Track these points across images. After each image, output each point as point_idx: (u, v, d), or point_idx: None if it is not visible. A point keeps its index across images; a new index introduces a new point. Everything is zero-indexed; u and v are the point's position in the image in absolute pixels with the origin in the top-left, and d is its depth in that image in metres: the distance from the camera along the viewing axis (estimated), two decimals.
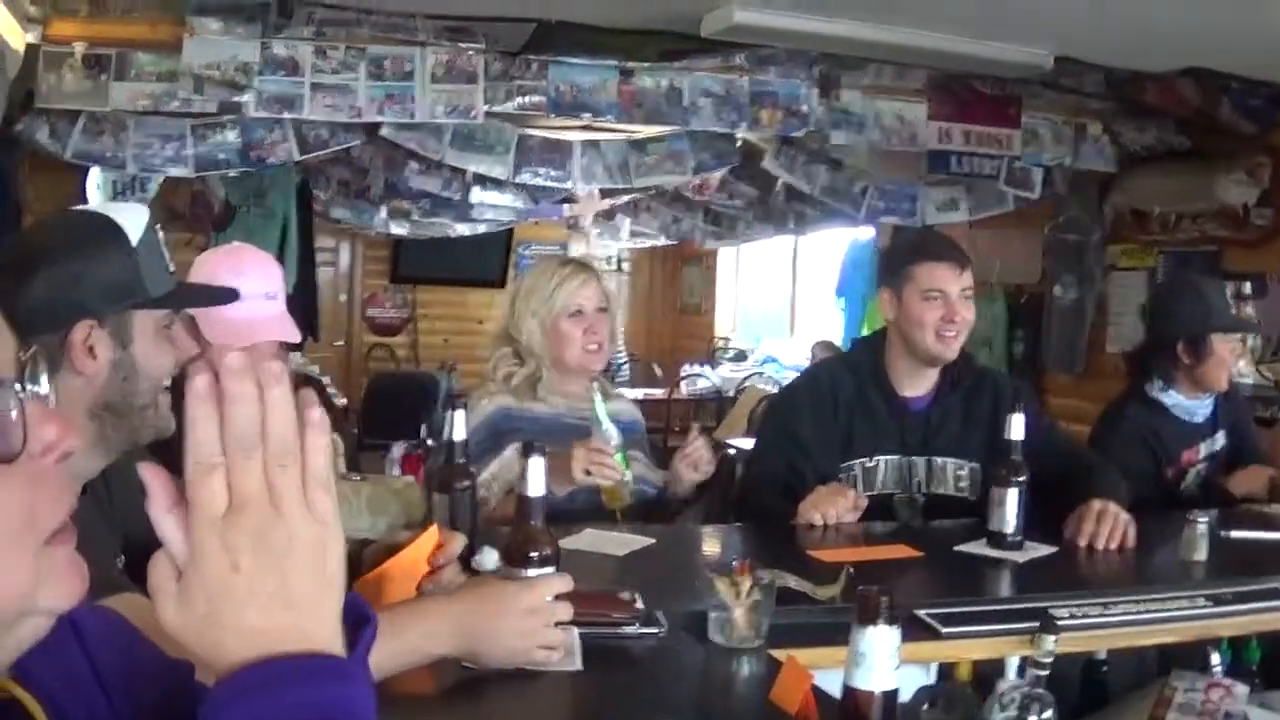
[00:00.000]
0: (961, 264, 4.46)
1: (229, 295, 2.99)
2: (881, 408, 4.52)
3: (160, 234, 2.70)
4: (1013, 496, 3.95)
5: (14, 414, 1.17)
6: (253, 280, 3.78)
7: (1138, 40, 6.56)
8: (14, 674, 1.23)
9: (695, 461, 4.48)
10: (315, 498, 1.18)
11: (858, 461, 4.49)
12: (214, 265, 3.85)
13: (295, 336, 3.87)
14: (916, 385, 4.58)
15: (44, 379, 1.23)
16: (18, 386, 1.18)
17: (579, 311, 4.55)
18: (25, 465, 1.18)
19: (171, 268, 2.71)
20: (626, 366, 15.75)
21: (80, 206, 2.78)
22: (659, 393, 14.59)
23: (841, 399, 4.55)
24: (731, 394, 14.28)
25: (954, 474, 4.55)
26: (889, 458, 4.52)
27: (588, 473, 4.09)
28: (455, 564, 2.90)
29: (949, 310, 4.39)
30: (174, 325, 2.74)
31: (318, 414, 1.18)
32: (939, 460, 4.54)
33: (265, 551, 1.15)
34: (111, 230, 2.61)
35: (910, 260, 4.56)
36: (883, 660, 1.55)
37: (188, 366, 2.45)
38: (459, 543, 2.92)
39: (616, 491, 4.18)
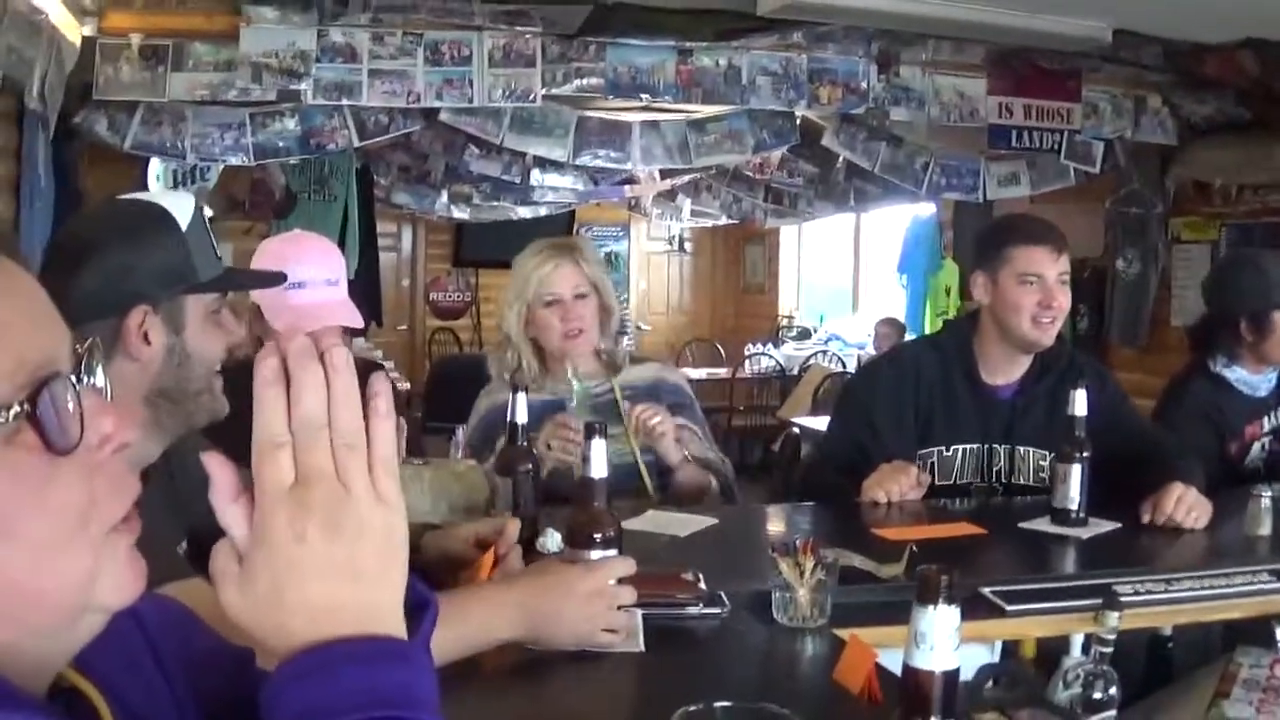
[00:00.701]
0: (1059, 248, 4.34)
1: (277, 278, 3.00)
2: (966, 395, 4.43)
3: (207, 218, 2.72)
4: (1076, 473, 3.91)
5: (71, 406, 1.17)
6: (314, 267, 3.81)
7: (1195, 12, 6.52)
8: (76, 664, 1.23)
9: (646, 436, 4.35)
10: (381, 479, 1.18)
11: (935, 449, 4.41)
12: (275, 252, 3.87)
13: (358, 322, 3.89)
14: (1007, 373, 4.47)
15: (100, 370, 1.24)
16: (74, 378, 1.19)
17: (555, 300, 4.44)
18: (83, 457, 1.18)
19: (219, 253, 2.72)
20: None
21: (127, 195, 2.79)
22: (722, 372, 14.61)
23: (924, 384, 4.46)
24: (795, 373, 14.27)
25: (1036, 464, 4.44)
26: (969, 446, 4.43)
27: (549, 447, 4.06)
28: (517, 549, 2.92)
29: (1046, 295, 4.27)
30: (222, 310, 2.74)
31: (384, 403, 1.19)
32: (1022, 449, 4.45)
33: (331, 526, 1.15)
34: (161, 216, 2.63)
35: (1007, 242, 4.43)
36: (943, 640, 1.54)
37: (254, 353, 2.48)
38: (515, 527, 2.93)
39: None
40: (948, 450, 4.41)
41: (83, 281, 2.51)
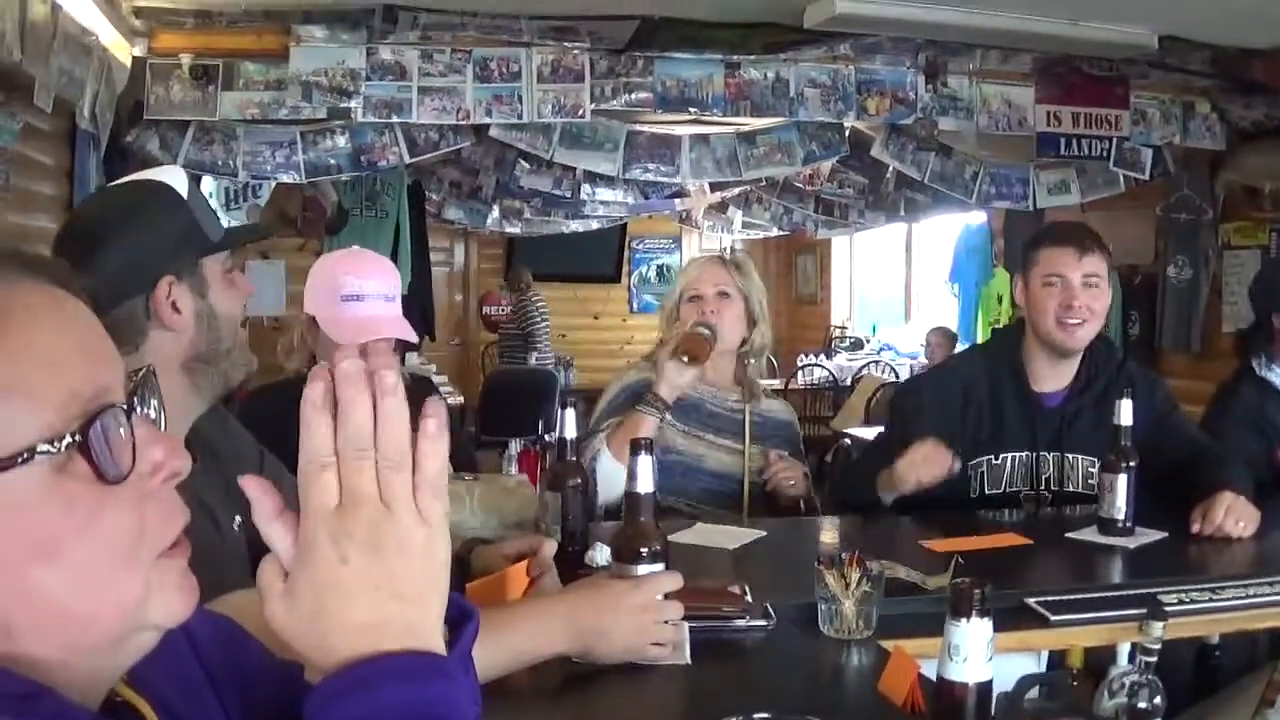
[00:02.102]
0: (1085, 249, 4.34)
1: (263, 231, 3.02)
2: (1014, 403, 4.42)
3: (200, 184, 2.79)
4: (1123, 482, 3.91)
5: (123, 435, 1.21)
6: (372, 281, 3.85)
7: (1241, 16, 6.50)
8: (128, 678, 1.27)
9: (777, 485, 4.53)
10: (425, 500, 1.21)
11: (985, 458, 4.41)
12: (333, 267, 3.92)
13: (412, 336, 3.93)
14: (1054, 379, 4.47)
15: (154, 402, 1.28)
16: (127, 407, 1.22)
17: (697, 295, 4.60)
18: (135, 485, 1.22)
19: (219, 215, 2.78)
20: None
21: (120, 179, 2.86)
22: (775, 383, 14.58)
23: (972, 398, 4.46)
24: (848, 383, 14.26)
25: (1085, 471, 4.42)
26: (1018, 454, 4.42)
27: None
28: (552, 570, 2.94)
29: (1067, 296, 4.27)
30: (234, 270, 2.80)
31: (434, 424, 1.21)
32: (1071, 457, 4.43)
33: (374, 547, 1.18)
34: (163, 190, 2.71)
35: (1035, 245, 4.50)
36: (976, 652, 1.57)
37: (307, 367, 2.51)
38: (550, 547, 2.95)
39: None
40: (997, 459, 4.41)
41: (103, 268, 2.56)
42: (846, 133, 8.55)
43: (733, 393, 4.70)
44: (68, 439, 1.16)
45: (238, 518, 2.70)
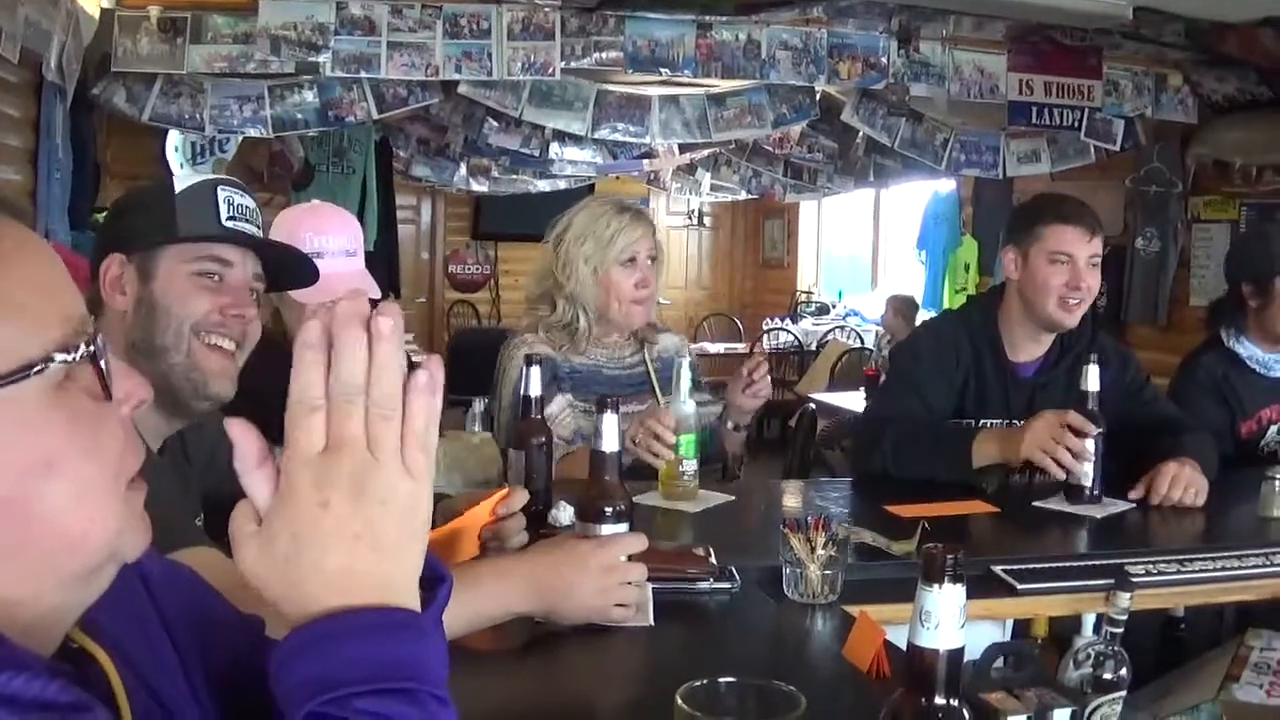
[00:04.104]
0: (1093, 229, 4.32)
1: (255, 239, 2.93)
2: (991, 371, 4.40)
3: (230, 195, 2.72)
4: (1089, 448, 3.91)
5: (102, 364, 1.22)
6: (332, 237, 3.81)
7: None
8: (84, 626, 1.25)
9: (758, 389, 4.29)
10: (412, 452, 1.19)
11: (964, 422, 4.39)
12: (294, 222, 3.88)
13: (375, 292, 3.88)
14: (1029, 351, 4.46)
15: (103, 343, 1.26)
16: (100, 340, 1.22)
17: (633, 260, 4.40)
18: (114, 409, 1.23)
19: (227, 222, 2.70)
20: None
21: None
22: (740, 347, 14.61)
23: (962, 358, 4.44)
24: (813, 348, 14.28)
25: None
26: (994, 422, 4.39)
27: (634, 442, 3.87)
28: (519, 517, 2.88)
29: (1075, 276, 4.25)
30: (222, 280, 2.73)
31: (424, 377, 1.20)
32: None
33: (357, 494, 1.16)
34: (161, 184, 2.72)
35: (1040, 220, 4.40)
36: (947, 619, 1.54)
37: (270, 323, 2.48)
38: (522, 496, 2.90)
39: (670, 478, 3.92)
40: (977, 425, 4.38)
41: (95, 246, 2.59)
42: (817, 96, 8.56)
43: (626, 346, 4.59)
44: (82, 349, 1.18)
45: (201, 518, 2.67)
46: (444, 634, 1.28)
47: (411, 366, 1.20)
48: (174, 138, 9.13)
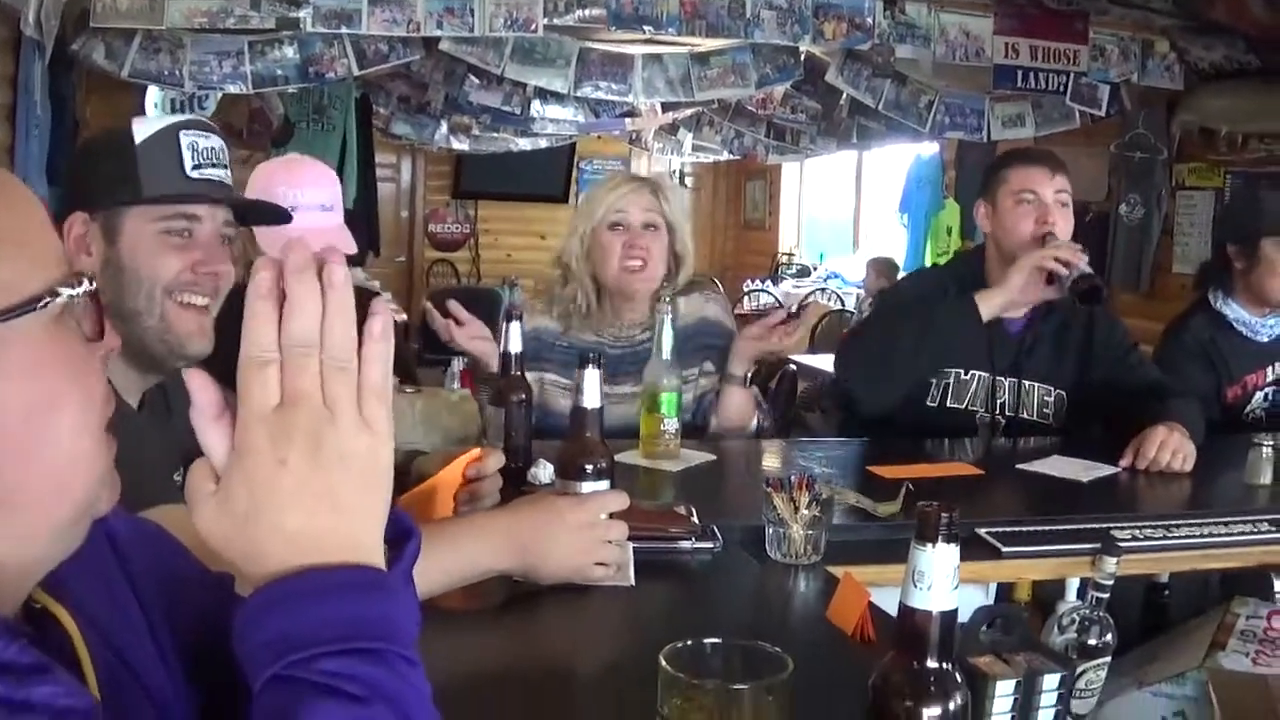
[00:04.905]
0: (1054, 168, 4.37)
1: (217, 192, 2.86)
2: (976, 324, 4.35)
3: (194, 140, 2.65)
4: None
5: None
6: (308, 192, 3.77)
7: None
8: (48, 586, 1.21)
9: (777, 337, 4.23)
10: (370, 406, 1.16)
11: (954, 371, 4.39)
12: (269, 177, 3.84)
13: (352, 248, 3.84)
14: (1015, 307, 4.42)
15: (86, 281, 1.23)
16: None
17: (619, 223, 4.29)
18: (97, 353, 1.21)
19: (193, 171, 2.64)
20: None
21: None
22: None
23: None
24: (794, 310, 14.24)
25: (1040, 399, 4.45)
26: (980, 374, 4.41)
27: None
28: (495, 478, 2.84)
29: (1042, 212, 4.28)
30: (194, 236, 2.67)
31: (379, 325, 1.17)
32: (1027, 384, 4.44)
33: (315, 450, 1.13)
34: (120, 134, 2.64)
35: (1003, 166, 4.50)
36: (941, 579, 1.50)
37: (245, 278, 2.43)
38: (497, 457, 2.86)
39: (652, 436, 3.88)
40: (966, 374, 4.40)
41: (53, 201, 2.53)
42: (801, 57, 8.50)
43: (638, 326, 4.43)
44: (85, 284, 1.17)
45: (179, 474, 2.62)
46: (414, 591, 1.25)
47: (360, 306, 1.16)
48: (153, 94, 9.07)
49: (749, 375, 4.36)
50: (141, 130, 2.62)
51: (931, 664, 1.55)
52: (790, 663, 1.61)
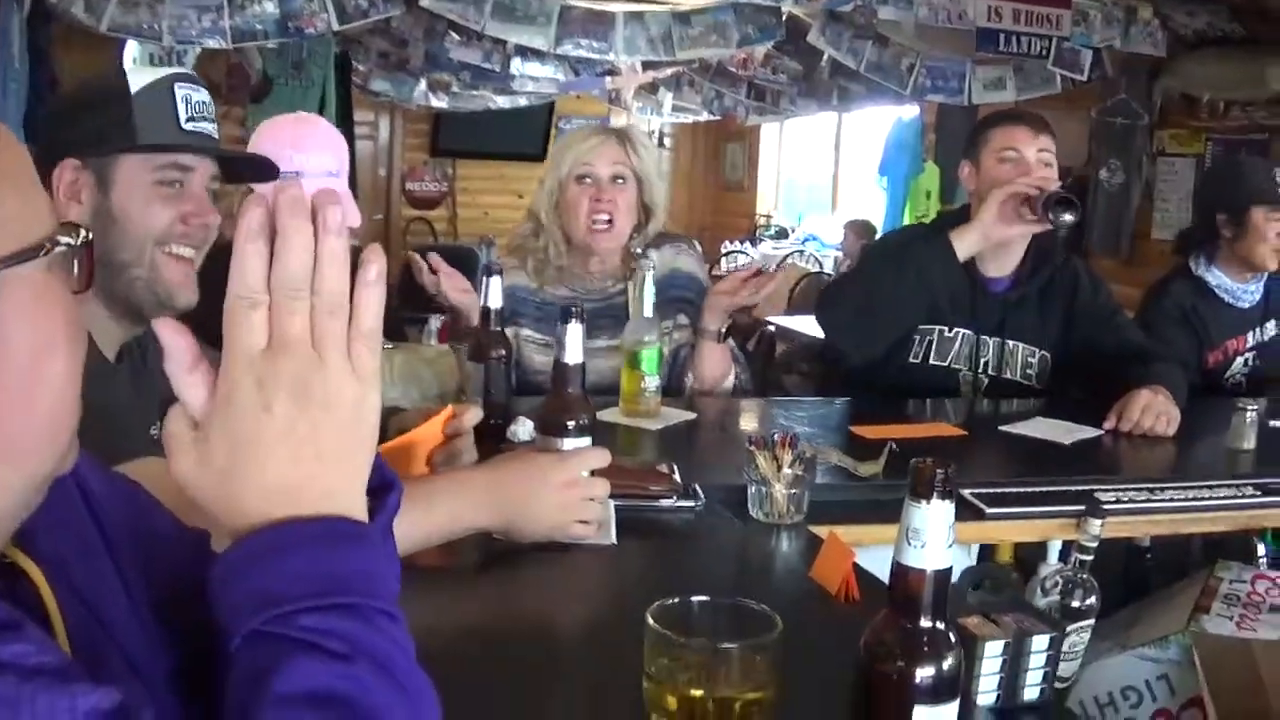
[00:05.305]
0: (1038, 128, 4.40)
1: (206, 144, 2.84)
2: (962, 282, 4.38)
3: (188, 93, 2.63)
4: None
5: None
6: (314, 156, 3.72)
7: None
8: (19, 541, 1.18)
9: (754, 289, 4.16)
10: (359, 353, 1.13)
11: (938, 328, 4.40)
12: (275, 135, 3.77)
13: (356, 219, 3.79)
14: (1000, 264, 4.45)
15: None
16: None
17: (586, 176, 4.23)
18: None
19: (187, 124, 2.62)
20: None
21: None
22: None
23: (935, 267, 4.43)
24: (772, 271, 14.23)
25: (1024, 359, 4.45)
26: (964, 332, 4.41)
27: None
28: (469, 436, 2.81)
29: (1024, 169, 4.28)
30: (185, 185, 2.64)
31: (374, 271, 1.13)
32: (1011, 344, 4.44)
33: (302, 396, 1.10)
34: (114, 83, 2.61)
35: (986, 127, 4.52)
36: (936, 537, 1.48)
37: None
38: (474, 414, 2.82)
39: (632, 393, 3.84)
40: (950, 331, 4.41)
41: (40, 141, 2.49)
42: (783, 17, 8.47)
43: (610, 278, 4.40)
44: (82, 234, 1.14)
45: (155, 427, 2.59)
46: (395, 545, 1.22)
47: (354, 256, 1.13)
48: (131, 49, 9.02)
49: (724, 331, 4.27)
50: (137, 80, 2.59)
51: (925, 623, 1.52)
52: (779, 621, 1.59)
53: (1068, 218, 4.08)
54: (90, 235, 1.15)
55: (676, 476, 2.93)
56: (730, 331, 4.29)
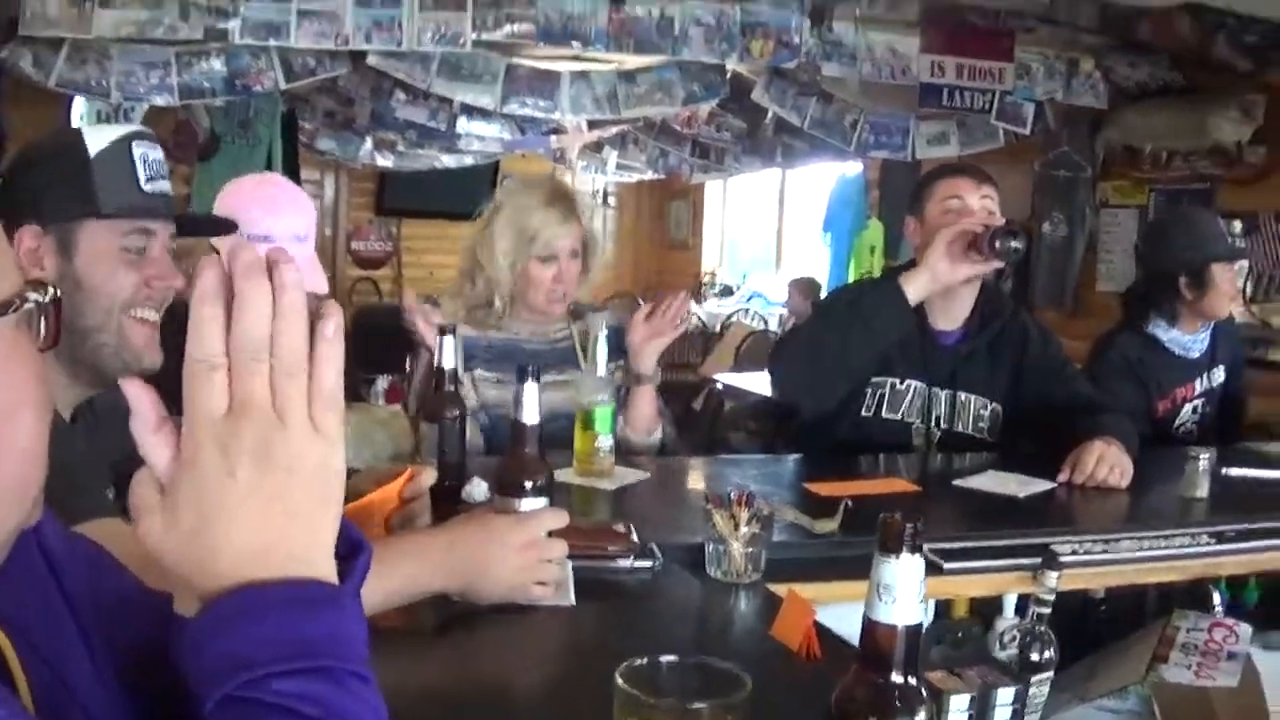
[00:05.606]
0: (980, 179, 4.41)
1: (198, 220, 2.85)
2: (914, 334, 4.39)
3: (145, 151, 2.61)
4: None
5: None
6: (284, 220, 3.70)
7: None
8: None
9: (662, 324, 4.24)
10: (321, 413, 1.13)
11: (889, 380, 4.40)
12: (245, 197, 3.76)
13: (323, 287, 3.77)
14: (950, 317, 4.46)
15: None
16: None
17: (552, 257, 4.33)
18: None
19: (147, 185, 2.60)
20: None
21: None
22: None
23: None
24: (717, 329, 14.31)
25: (976, 412, 4.46)
26: (916, 383, 4.42)
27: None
28: (425, 498, 2.82)
29: (969, 215, 4.28)
30: (151, 250, 2.63)
31: (332, 326, 1.13)
32: (963, 396, 4.46)
33: (265, 459, 1.09)
34: (70, 144, 2.57)
35: (930, 181, 4.53)
36: (907, 592, 1.48)
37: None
38: (429, 476, 2.82)
39: (586, 454, 3.85)
40: (902, 384, 4.41)
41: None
42: (728, 75, 8.51)
43: (551, 321, 4.49)
44: (51, 291, 1.14)
45: (113, 488, 2.57)
46: (362, 607, 1.21)
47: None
48: (79, 106, 9.01)
49: (657, 376, 4.35)
50: (95, 141, 2.56)
51: (897, 679, 1.52)
52: (748, 681, 1.59)
53: (1015, 244, 4.08)
54: (59, 292, 1.15)
55: (634, 536, 2.93)
56: (664, 388, 4.33)
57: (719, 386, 9.98)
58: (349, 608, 1.16)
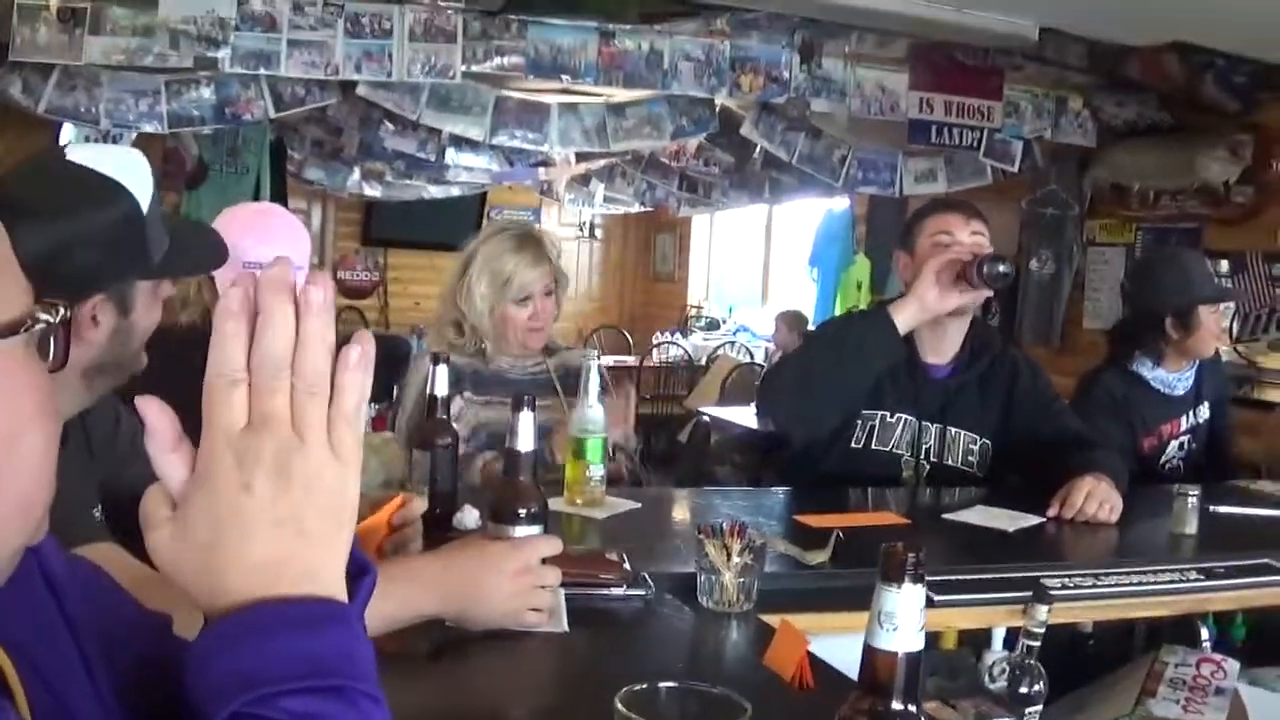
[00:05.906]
0: (970, 214, 4.43)
1: (219, 259, 2.85)
2: (903, 369, 4.41)
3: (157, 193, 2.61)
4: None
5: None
6: (280, 248, 3.69)
7: (1123, 11, 6.54)
8: None
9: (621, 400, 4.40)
10: (340, 434, 1.13)
11: (880, 413, 4.41)
12: (242, 226, 3.76)
13: None
14: (939, 352, 4.48)
15: None
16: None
17: (528, 298, 4.47)
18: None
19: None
20: None
21: (79, 155, 2.60)
22: (630, 360, 14.59)
23: None
24: (703, 363, 14.32)
25: (965, 447, 4.47)
26: (906, 417, 4.43)
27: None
28: (416, 524, 2.83)
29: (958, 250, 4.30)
30: (163, 284, 2.65)
31: (356, 354, 1.13)
32: (953, 431, 4.47)
33: (282, 476, 1.10)
34: (122, 195, 2.43)
35: (920, 217, 4.56)
36: (908, 621, 1.49)
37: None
38: (419, 504, 2.83)
39: (577, 483, 3.86)
40: (892, 416, 4.42)
41: (23, 246, 2.40)
42: (717, 109, 8.52)
43: (529, 356, 4.62)
44: (62, 311, 1.14)
45: (100, 507, 2.57)
46: (366, 629, 1.22)
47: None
48: (68, 132, 8.98)
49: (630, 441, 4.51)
50: (138, 191, 2.44)
51: (897, 706, 1.53)
52: (748, 707, 1.59)
53: (1002, 269, 4.10)
54: (69, 313, 1.15)
55: (626, 565, 2.93)
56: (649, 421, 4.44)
57: (705, 419, 9.98)
58: (357, 626, 1.17)
